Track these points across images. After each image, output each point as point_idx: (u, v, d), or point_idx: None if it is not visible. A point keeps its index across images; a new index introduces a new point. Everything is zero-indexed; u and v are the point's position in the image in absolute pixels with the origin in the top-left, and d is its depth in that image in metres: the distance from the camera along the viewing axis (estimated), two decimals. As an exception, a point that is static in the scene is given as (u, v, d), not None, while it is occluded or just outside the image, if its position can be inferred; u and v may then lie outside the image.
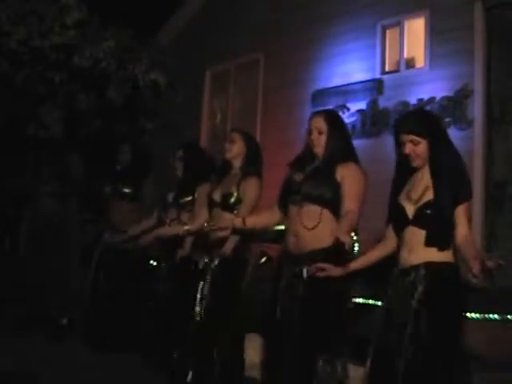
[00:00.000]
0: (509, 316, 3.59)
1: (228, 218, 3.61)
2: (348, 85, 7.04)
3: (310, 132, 3.15)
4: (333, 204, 3.01)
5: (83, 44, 5.77)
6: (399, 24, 6.86)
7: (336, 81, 7.19)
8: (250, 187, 3.72)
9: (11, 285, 5.81)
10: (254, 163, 3.82)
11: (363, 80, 6.93)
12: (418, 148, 2.74)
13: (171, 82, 6.29)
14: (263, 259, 5.97)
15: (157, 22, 9.20)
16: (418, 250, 2.68)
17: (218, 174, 3.95)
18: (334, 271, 2.87)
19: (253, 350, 3.82)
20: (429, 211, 2.66)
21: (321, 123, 3.12)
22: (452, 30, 6.19)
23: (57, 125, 5.66)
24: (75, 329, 5.27)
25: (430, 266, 2.65)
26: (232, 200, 3.71)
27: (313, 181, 3.06)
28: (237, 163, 3.85)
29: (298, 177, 3.13)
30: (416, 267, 2.68)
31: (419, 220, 2.70)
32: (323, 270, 2.86)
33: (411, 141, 2.74)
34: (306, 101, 7.43)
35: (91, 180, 5.83)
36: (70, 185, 5.53)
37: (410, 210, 2.75)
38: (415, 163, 2.78)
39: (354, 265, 2.94)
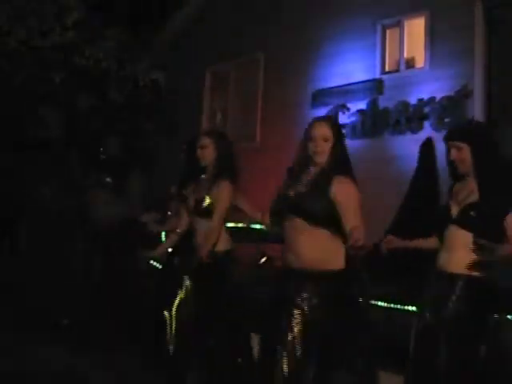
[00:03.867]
0: (508, 316, 3.59)
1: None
2: (348, 85, 7.04)
3: (312, 139, 2.90)
4: (329, 222, 2.81)
5: (83, 44, 5.78)
6: (399, 24, 6.86)
7: (336, 81, 7.19)
8: (221, 192, 3.66)
9: (11, 285, 5.81)
10: (225, 167, 3.73)
11: (363, 80, 6.93)
12: (461, 153, 2.89)
13: (171, 79, 6.29)
14: (263, 259, 5.98)
15: (157, 21, 9.19)
16: (458, 252, 2.79)
17: (193, 180, 3.88)
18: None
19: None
20: (472, 212, 2.78)
21: (326, 131, 2.90)
22: (452, 29, 6.20)
23: (57, 124, 5.66)
24: (75, 329, 5.26)
25: (469, 279, 2.76)
26: (204, 205, 3.66)
27: (310, 198, 2.84)
28: (210, 168, 3.79)
29: (294, 190, 2.92)
30: (455, 276, 2.79)
31: (461, 219, 2.81)
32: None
33: (455, 147, 2.91)
34: (306, 100, 7.43)
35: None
36: (70, 184, 5.53)
37: (454, 209, 2.87)
38: (460, 169, 2.92)
39: (401, 243, 3.09)
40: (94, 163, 5.25)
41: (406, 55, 6.84)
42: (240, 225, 6.60)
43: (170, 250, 4.18)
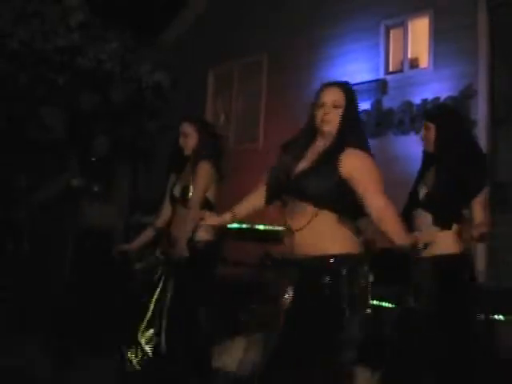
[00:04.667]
0: (500, 316, 3.58)
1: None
2: (352, 85, 7.01)
3: (320, 105, 2.60)
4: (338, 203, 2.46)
5: (87, 45, 5.78)
6: (403, 24, 6.84)
7: (340, 81, 7.17)
8: (198, 172, 3.40)
9: (12, 285, 5.81)
10: (205, 150, 3.48)
11: (367, 80, 6.91)
12: (428, 133, 3.02)
13: (174, 80, 6.29)
14: (268, 260, 5.97)
15: (160, 22, 9.20)
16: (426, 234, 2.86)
17: (178, 170, 3.62)
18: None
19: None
20: (433, 195, 2.89)
21: (338, 96, 2.59)
22: (456, 29, 6.17)
23: (59, 126, 5.66)
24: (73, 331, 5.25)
25: (437, 258, 2.85)
26: (190, 194, 3.42)
27: (315, 176, 2.47)
28: (192, 157, 3.54)
29: (296, 169, 2.55)
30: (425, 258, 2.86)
31: (426, 202, 2.93)
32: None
33: (425, 126, 3.07)
34: (310, 101, 7.40)
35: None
36: (71, 185, 5.53)
37: (422, 193, 2.99)
38: (426, 148, 3.07)
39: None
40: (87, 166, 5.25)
41: (409, 55, 6.82)
42: (244, 225, 6.60)
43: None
